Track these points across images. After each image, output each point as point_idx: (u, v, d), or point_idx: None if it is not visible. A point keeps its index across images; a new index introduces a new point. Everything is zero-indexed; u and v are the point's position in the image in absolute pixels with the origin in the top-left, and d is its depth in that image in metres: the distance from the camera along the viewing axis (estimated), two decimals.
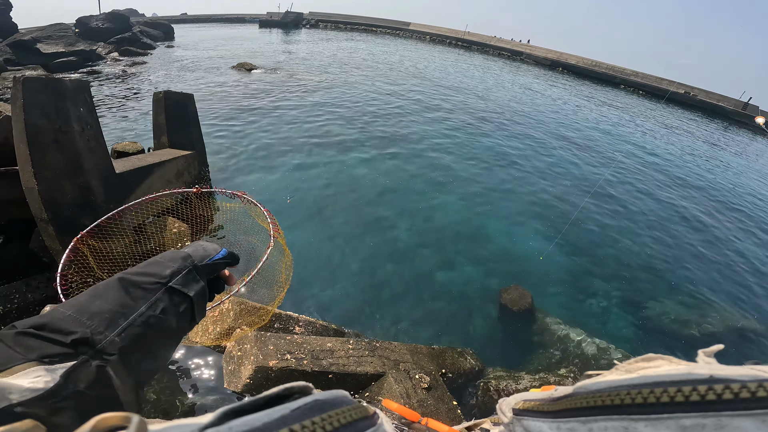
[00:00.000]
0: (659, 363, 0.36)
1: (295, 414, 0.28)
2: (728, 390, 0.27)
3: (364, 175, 8.47)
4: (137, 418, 0.24)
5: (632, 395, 0.31)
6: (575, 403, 0.37)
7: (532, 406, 0.47)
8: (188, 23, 48.63)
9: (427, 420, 1.15)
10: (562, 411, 0.40)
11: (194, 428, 0.25)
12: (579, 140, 13.95)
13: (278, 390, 0.32)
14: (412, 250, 6.30)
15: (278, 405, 0.29)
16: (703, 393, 0.28)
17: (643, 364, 0.37)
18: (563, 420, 0.39)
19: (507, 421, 0.52)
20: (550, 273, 6.23)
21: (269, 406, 0.29)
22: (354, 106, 13.77)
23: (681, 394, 0.29)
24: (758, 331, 5.76)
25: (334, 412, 0.30)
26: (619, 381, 0.34)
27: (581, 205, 8.27)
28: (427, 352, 4.02)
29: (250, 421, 0.26)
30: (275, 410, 0.28)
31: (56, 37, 19.25)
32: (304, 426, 0.27)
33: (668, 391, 0.29)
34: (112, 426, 0.25)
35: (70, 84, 3.78)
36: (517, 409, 0.51)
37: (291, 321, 3.87)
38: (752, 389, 0.27)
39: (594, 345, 4.94)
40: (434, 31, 56.25)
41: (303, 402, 0.30)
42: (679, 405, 0.28)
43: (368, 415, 0.33)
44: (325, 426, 0.28)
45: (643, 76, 41.38)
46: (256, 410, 0.28)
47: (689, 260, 7.31)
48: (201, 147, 6.49)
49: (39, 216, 3.84)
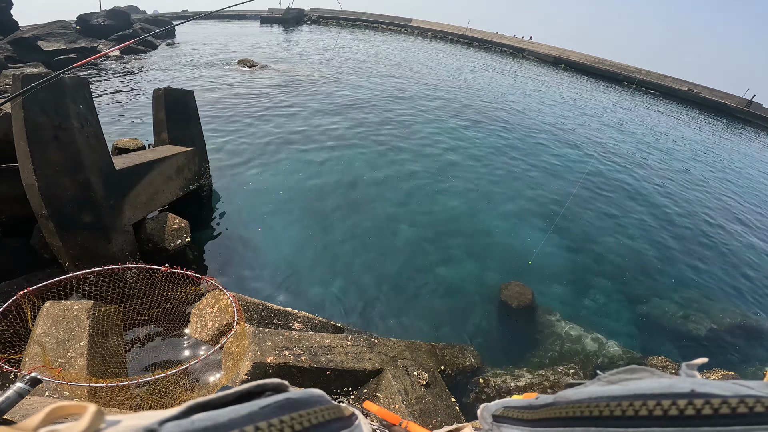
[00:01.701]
0: (642, 375, 0.35)
1: (264, 411, 0.28)
2: (708, 405, 0.27)
3: (364, 172, 8.46)
4: (94, 407, 0.24)
5: (611, 407, 0.31)
6: (555, 413, 0.37)
7: (512, 414, 0.47)
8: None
9: (408, 423, 1.15)
10: (541, 420, 0.39)
11: (155, 419, 0.24)
12: (577, 136, 13.89)
13: (250, 386, 0.31)
14: (412, 246, 6.30)
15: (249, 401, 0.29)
16: (682, 407, 0.27)
17: (626, 375, 0.36)
18: (541, 429, 0.39)
19: (487, 427, 0.52)
20: (552, 269, 6.22)
21: (239, 403, 0.28)
22: (354, 102, 13.74)
23: (660, 408, 0.28)
24: (757, 328, 5.75)
25: (306, 411, 0.30)
26: (600, 392, 0.33)
27: (577, 203, 8.25)
28: (426, 349, 4.03)
29: (215, 416, 0.26)
30: (243, 407, 0.28)
31: (57, 35, 19.24)
32: (271, 424, 0.27)
33: (647, 405, 0.29)
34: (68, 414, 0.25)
35: (69, 81, 3.78)
36: (497, 416, 0.50)
37: (290, 317, 3.89)
38: (733, 405, 0.26)
39: (594, 342, 4.94)
40: (436, 28, 55.96)
41: (274, 400, 0.29)
42: (657, 419, 0.28)
43: (343, 416, 0.33)
44: (294, 425, 0.28)
45: (646, 73, 41.10)
46: (225, 406, 0.28)
47: (688, 257, 7.29)
48: (201, 143, 6.48)
49: (39, 212, 3.85)
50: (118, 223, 4.34)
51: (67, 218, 3.93)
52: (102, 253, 4.18)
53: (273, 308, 3.87)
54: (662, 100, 33.00)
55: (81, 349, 2.91)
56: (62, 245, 3.99)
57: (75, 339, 2.96)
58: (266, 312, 3.80)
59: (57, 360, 2.82)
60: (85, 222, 4.01)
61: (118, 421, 0.24)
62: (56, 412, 0.25)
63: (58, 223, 3.89)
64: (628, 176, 10.81)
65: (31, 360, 2.79)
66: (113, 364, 3.05)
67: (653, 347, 5.13)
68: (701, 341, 5.37)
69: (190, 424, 0.25)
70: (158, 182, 5.20)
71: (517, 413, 0.46)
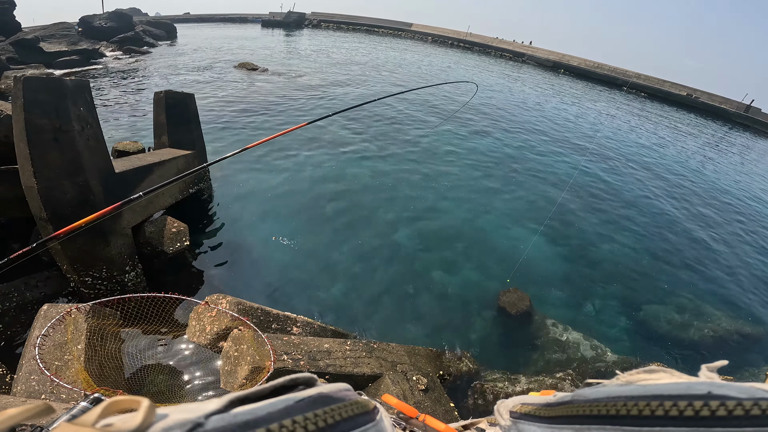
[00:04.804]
0: (660, 375, 0.35)
1: (300, 405, 0.29)
2: (723, 407, 0.27)
3: (364, 177, 8.47)
4: (147, 402, 0.24)
5: (628, 407, 0.31)
6: (572, 411, 0.38)
7: (530, 410, 0.47)
8: (191, 23, 48.74)
9: (425, 416, 1.16)
10: (559, 417, 0.40)
11: (200, 413, 0.25)
12: (570, 140, 13.93)
13: (284, 380, 0.33)
14: (411, 251, 6.30)
15: (283, 395, 0.30)
16: (698, 408, 0.28)
17: (645, 375, 0.37)
18: (558, 426, 0.39)
19: (504, 423, 0.52)
20: (549, 275, 6.22)
21: (275, 396, 0.30)
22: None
23: (676, 409, 0.29)
24: (753, 334, 5.74)
25: (337, 405, 0.31)
26: (617, 391, 0.34)
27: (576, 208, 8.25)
28: (425, 354, 4.02)
29: (255, 409, 0.27)
30: (279, 401, 0.29)
31: (59, 36, 19.31)
32: (306, 417, 0.28)
33: (664, 405, 0.29)
34: (123, 409, 0.26)
35: (70, 83, 3.79)
36: (514, 412, 0.51)
37: (289, 321, 3.87)
38: (747, 407, 0.26)
39: (592, 348, 4.93)
40: (436, 32, 56.27)
41: (308, 394, 0.31)
42: (672, 419, 0.28)
43: (368, 410, 0.34)
44: (327, 419, 0.29)
45: (645, 78, 41.31)
46: (262, 399, 0.29)
47: (685, 263, 7.29)
48: (201, 146, 6.50)
49: (38, 215, 3.85)
50: (117, 226, 4.34)
51: (67, 221, 3.92)
52: (100, 256, 4.17)
53: (272, 312, 3.86)
54: (662, 104, 33.12)
55: (78, 352, 2.89)
56: (61, 248, 3.98)
57: (73, 342, 2.95)
58: (265, 316, 3.78)
59: (54, 363, 2.81)
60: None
61: (166, 415, 0.25)
62: (112, 406, 0.26)
63: (58, 225, 3.88)
64: (626, 182, 10.84)
65: (27, 363, 2.78)
66: (110, 367, 3.03)
67: (650, 353, 5.12)
68: (698, 346, 5.36)
69: (233, 417, 0.26)
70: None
71: (535, 410, 0.46)
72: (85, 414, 0.25)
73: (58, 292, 4.33)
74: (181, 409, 0.26)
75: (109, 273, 4.28)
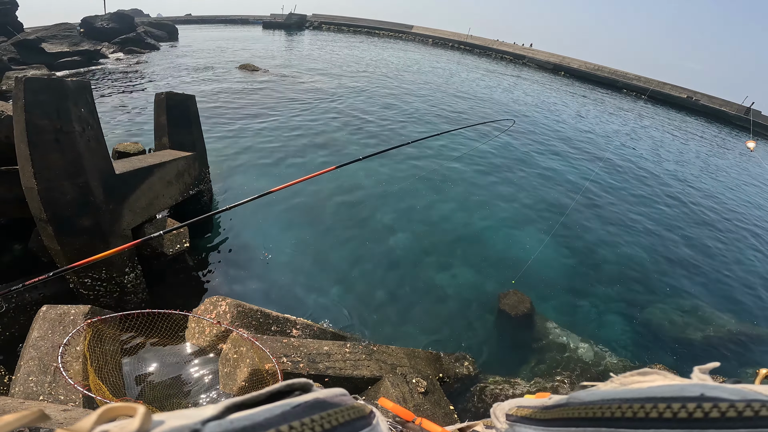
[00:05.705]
0: (654, 378, 0.36)
1: (296, 411, 0.29)
2: (716, 409, 0.28)
3: (363, 180, 8.47)
4: (143, 408, 0.25)
5: (623, 409, 0.32)
6: (567, 413, 0.38)
7: (526, 414, 0.48)
8: (192, 24, 48.85)
9: (421, 420, 1.16)
10: (554, 420, 0.40)
11: (197, 419, 0.25)
12: (576, 144, 13.94)
13: (280, 386, 0.33)
14: (411, 254, 6.29)
15: (279, 401, 0.30)
16: (691, 410, 0.28)
17: (639, 378, 0.37)
18: (554, 429, 0.39)
19: (500, 426, 0.53)
20: (550, 278, 6.21)
21: (271, 402, 0.30)
22: (355, 110, 13.79)
23: (670, 411, 0.29)
24: (752, 335, 5.73)
25: (333, 411, 0.31)
26: (612, 394, 0.34)
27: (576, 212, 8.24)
28: (425, 357, 4.01)
29: (252, 415, 0.27)
30: (276, 406, 0.29)
31: (61, 37, 19.35)
32: (303, 423, 0.28)
33: (658, 407, 0.30)
34: (119, 415, 0.26)
35: (71, 84, 3.79)
36: (510, 415, 0.51)
37: (288, 324, 3.87)
38: (739, 409, 0.27)
39: (592, 351, 4.92)
40: (437, 35, 56.36)
41: (304, 399, 0.31)
42: (666, 421, 0.29)
43: (365, 415, 0.34)
44: (324, 424, 0.29)
45: (646, 80, 41.33)
46: (259, 405, 0.29)
47: (685, 266, 7.28)
48: (202, 148, 6.49)
49: (38, 216, 3.84)
50: (117, 227, 4.33)
51: (66, 222, 3.92)
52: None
53: (271, 315, 3.85)
54: (663, 107, 33.14)
55: (77, 354, 2.89)
56: (60, 249, 3.98)
57: (71, 343, 2.94)
58: (264, 318, 3.78)
59: (52, 364, 2.80)
60: (84, 226, 4.00)
61: (162, 422, 0.25)
62: (108, 413, 0.26)
63: (57, 226, 3.88)
64: (627, 185, 10.83)
65: (26, 364, 2.77)
66: (109, 369, 3.03)
67: (650, 355, 5.11)
68: (698, 348, 5.35)
69: (230, 423, 0.26)
70: (158, 187, 5.19)
71: (531, 413, 0.46)
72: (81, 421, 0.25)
73: (57, 293, 4.32)
74: (177, 416, 0.26)
75: (108, 274, 4.27)
